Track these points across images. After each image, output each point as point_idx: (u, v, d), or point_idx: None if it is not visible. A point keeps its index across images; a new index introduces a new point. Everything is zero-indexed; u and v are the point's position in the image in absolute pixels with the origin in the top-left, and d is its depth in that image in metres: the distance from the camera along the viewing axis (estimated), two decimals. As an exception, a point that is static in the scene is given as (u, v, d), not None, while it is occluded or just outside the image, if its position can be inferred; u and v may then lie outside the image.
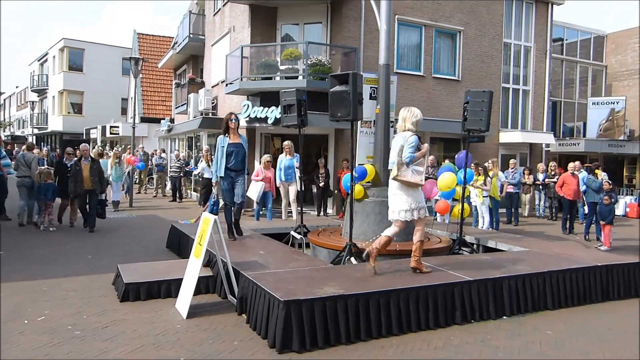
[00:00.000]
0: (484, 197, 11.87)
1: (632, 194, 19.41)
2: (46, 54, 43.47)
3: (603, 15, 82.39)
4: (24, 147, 12.25)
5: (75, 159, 10.99)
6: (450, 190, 9.33)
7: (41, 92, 44.94)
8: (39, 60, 46.13)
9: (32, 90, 46.63)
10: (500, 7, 18.22)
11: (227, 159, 7.55)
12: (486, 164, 12.23)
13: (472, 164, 11.30)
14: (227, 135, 7.63)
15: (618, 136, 21.81)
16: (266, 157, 12.12)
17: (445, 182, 9.15)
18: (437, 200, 10.68)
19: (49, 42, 68.70)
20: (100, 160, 14.94)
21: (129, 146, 19.69)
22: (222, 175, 7.59)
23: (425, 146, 6.17)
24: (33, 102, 43.23)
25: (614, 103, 22.12)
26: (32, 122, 43.35)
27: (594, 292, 6.44)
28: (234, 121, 7.60)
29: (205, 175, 14.99)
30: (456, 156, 9.98)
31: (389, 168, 6.00)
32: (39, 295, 6.00)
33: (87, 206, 10.85)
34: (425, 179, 13.06)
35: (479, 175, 11.72)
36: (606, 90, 24.71)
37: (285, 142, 11.74)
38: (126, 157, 16.91)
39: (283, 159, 11.74)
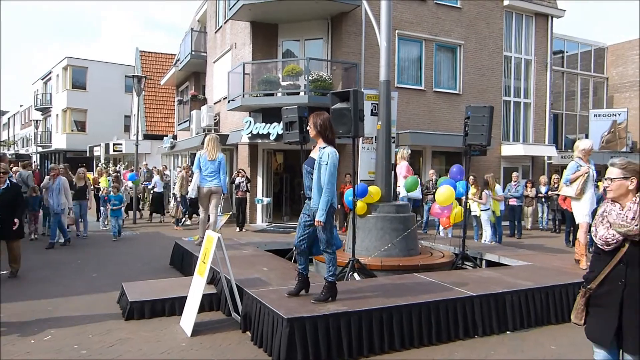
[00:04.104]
0: (482, 210, 11.92)
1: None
2: (50, 73, 43.89)
3: (603, 27, 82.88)
4: (20, 165, 12.78)
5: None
6: (450, 204, 9.37)
7: (45, 111, 45.28)
8: (42, 79, 46.57)
9: (35, 109, 47.01)
10: (500, 20, 18.38)
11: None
12: (485, 177, 12.28)
13: (471, 177, 11.40)
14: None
15: (620, 148, 21.84)
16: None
17: (444, 197, 9.14)
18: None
19: (52, 60, 69.63)
20: (108, 178, 15.19)
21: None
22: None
23: (583, 169, 7.60)
24: (37, 120, 43.53)
25: (615, 115, 22.18)
26: (36, 141, 43.61)
27: (597, 306, 6.42)
28: (308, 127, 5.38)
29: (156, 190, 15.44)
30: (450, 170, 10.12)
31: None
32: (44, 315, 6.02)
33: None
34: (426, 194, 13.19)
35: (477, 188, 11.81)
36: (607, 102, 24.79)
37: (208, 137, 8.80)
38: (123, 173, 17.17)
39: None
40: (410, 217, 8.43)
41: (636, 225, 3.02)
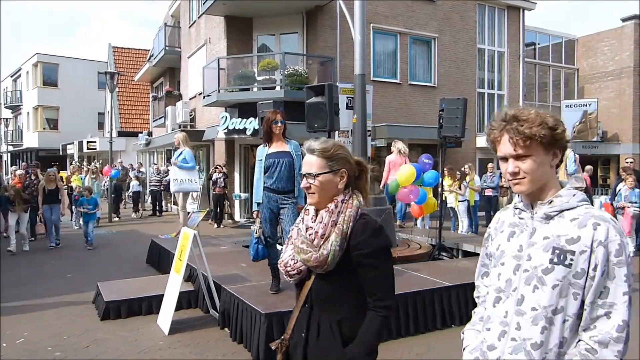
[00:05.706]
0: (459, 201, 12.06)
1: (606, 194, 19.80)
2: (19, 70, 42.85)
3: (574, 19, 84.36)
4: None
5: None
6: (422, 195, 9.36)
7: (15, 109, 44.24)
8: (11, 77, 45.44)
9: (5, 107, 45.87)
10: (473, 13, 18.53)
11: (265, 176, 5.30)
12: (463, 168, 12.42)
13: (446, 169, 11.45)
14: (267, 144, 5.37)
15: (591, 137, 22.28)
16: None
17: (405, 176, 9.05)
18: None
19: (22, 58, 67.82)
20: (80, 176, 14.88)
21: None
22: (259, 200, 5.32)
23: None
24: (7, 118, 42.50)
25: (586, 105, 22.61)
26: (7, 139, 42.61)
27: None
28: (279, 124, 5.25)
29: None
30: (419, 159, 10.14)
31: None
32: (18, 317, 5.91)
33: None
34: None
35: (455, 180, 11.91)
36: (578, 93, 25.23)
37: (183, 134, 9.70)
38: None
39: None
40: (387, 209, 8.48)
41: (319, 251, 1.94)
